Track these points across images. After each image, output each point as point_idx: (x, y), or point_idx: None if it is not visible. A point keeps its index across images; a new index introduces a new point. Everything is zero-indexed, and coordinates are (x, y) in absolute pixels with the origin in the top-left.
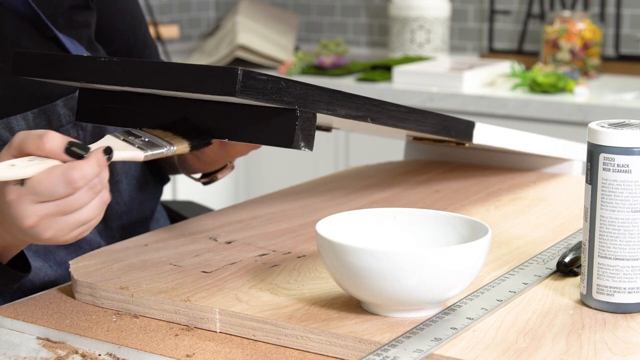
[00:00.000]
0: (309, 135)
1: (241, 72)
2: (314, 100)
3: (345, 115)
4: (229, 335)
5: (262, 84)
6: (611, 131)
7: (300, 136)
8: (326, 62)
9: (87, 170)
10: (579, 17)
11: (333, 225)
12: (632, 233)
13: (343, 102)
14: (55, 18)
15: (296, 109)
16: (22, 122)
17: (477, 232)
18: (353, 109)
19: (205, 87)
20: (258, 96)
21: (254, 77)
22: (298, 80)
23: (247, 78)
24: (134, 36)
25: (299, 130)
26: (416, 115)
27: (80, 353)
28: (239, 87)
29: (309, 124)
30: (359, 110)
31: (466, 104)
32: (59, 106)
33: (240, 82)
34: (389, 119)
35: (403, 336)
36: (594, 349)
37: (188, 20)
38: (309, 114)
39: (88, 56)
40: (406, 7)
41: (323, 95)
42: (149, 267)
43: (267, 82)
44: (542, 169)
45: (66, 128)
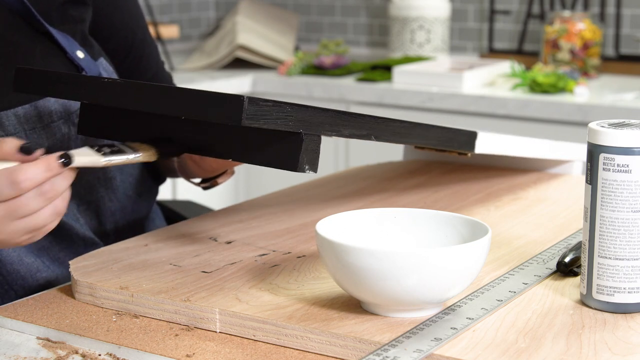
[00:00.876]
0: (313, 157)
1: (247, 100)
2: (319, 122)
3: (349, 135)
4: (229, 335)
5: (268, 110)
6: (611, 131)
7: (305, 159)
8: (326, 62)
9: (32, 172)
10: (579, 17)
11: (333, 225)
12: (632, 233)
13: (347, 123)
14: (49, 13)
15: (301, 132)
16: (12, 118)
17: (477, 232)
18: (357, 128)
19: (210, 115)
20: (264, 122)
21: (260, 104)
22: (303, 105)
23: (253, 105)
24: (132, 35)
25: (303, 154)
26: (419, 130)
27: (80, 353)
28: (244, 115)
29: (313, 146)
30: (362, 129)
31: (466, 104)
32: (50, 102)
33: (246, 110)
34: (393, 135)
35: (403, 336)
36: (594, 349)
37: (188, 20)
38: (314, 137)
39: (91, 76)
40: (406, 7)
41: (327, 117)
42: (149, 267)
43: (273, 108)
44: (542, 169)
45: (57, 124)
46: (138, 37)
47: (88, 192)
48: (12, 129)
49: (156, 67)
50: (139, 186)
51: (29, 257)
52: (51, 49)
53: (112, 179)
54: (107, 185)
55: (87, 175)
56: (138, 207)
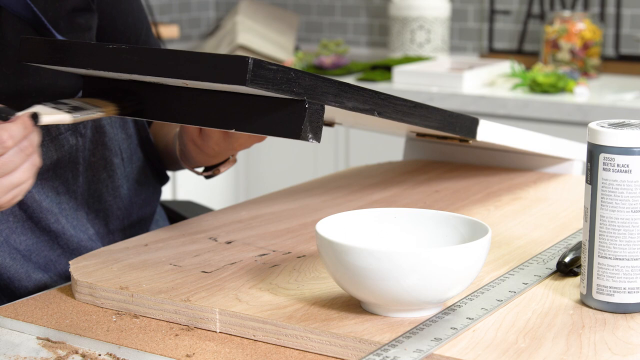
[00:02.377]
0: (316, 127)
1: (252, 61)
2: (323, 92)
3: (352, 107)
4: (229, 335)
5: (272, 74)
6: (611, 131)
7: (309, 127)
8: (326, 62)
9: (14, 130)
10: (579, 17)
11: (333, 225)
12: (632, 233)
13: (351, 95)
14: (57, 21)
15: (305, 100)
16: None
17: (477, 232)
18: (361, 102)
19: (215, 76)
20: (268, 86)
21: (264, 66)
22: (307, 72)
23: (257, 67)
24: (135, 37)
25: (307, 122)
26: (422, 110)
27: (80, 353)
28: (249, 76)
29: (317, 115)
30: (366, 104)
31: (466, 104)
32: None
33: (250, 71)
34: (396, 113)
35: (403, 336)
36: (594, 349)
37: (188, 20)
38: (317, 106)
39: (96, 43)
40: (406, 7)
41: (332, 87)
42: (149, 267)
43: (277, 72)
44: (542, 169)
45: (65, 135)
46: (142, 39)
47: (96, 200)
48: None
49: None
50: (144, 189)
51: (37, 273)
52: None
53: (120, 187)
54: (114, 194)
55: (96, 185)
56: (143, 210)
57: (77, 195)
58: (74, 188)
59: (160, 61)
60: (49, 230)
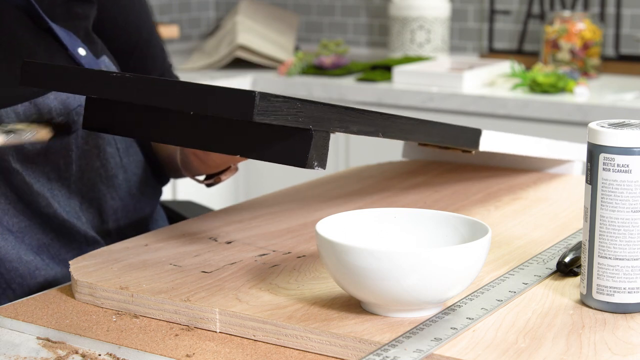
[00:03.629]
0: (322, 154)
1: (258, 96)
2: (328, 118)
3: (357, 131)
4: (229, 335)
5: (278, 106)
6: (611, 131)
7: (314, 155)
8: (326, 62)
9: None
10: (579, 17)
11: (333, 225)
12: (632, 233)
13: (355, 119)
14: (53, 9)
15: (310, 128)
16: (12, 115)
17: (477, 232)
18: (364, 124)
19: (220, 110)
20: (274, 118)
21: (271, 99)
22: (312, 101)
23: (263, 101)
24: (137, 34)
25: (313, 150)
26: (425, 127)
27: (80, 353)
28: (256, 110)
29: (322, 142)
30: (370, 125)
31: (466, 104)
32: (49, 99)
33: (257, 105)
34: (400, 132)
35: (403, 336)
36: (594, 349)
37: (188, 20)
38: (323, 133)
39: (100, 70)
40: (406, 7)
41: (336, 114)
42: (149, 267)
43: (283, 104)
44: (542, 169)
45: (57, 121)
46: (143, 37)
47: (90, 189)
48: None
49: (162, 69)
50: (143, 185)
51: (28, 255)
52: (54, 45)
53: (114, 176)
54: (108, 183)
55: (89, 173)
56: (141, 206)
57: (69, 183)
58: (66, 175)
59: (164, 92)
60: (41, 213)
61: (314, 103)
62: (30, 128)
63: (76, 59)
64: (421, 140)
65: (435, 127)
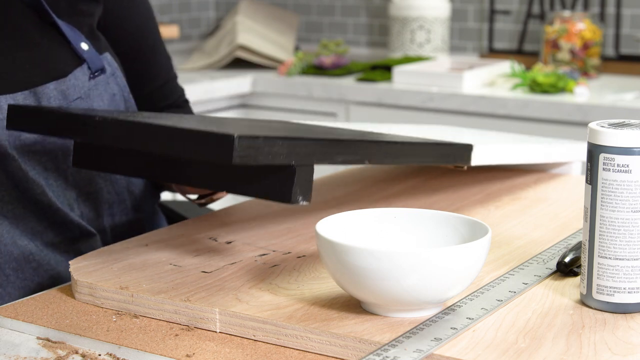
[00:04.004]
0: (307, 188)
1: (237, 139)
2: (311, 153)
3: (342, 161)
4: (229, 335)
5: (259, 146)
6: (611, 131)
7: (299, 191)
8: (326, 62)
9: None
10: (579, 17)
11: (333, 225)
12: (632, 233)
13: (340, 150)
14: (58, 4)
15: (293, 165)
16: (11, 102)
17: (477, 232)
18: (350, 154)
19: (200, 154)
20: (255, 159)
21: (251, 141)
22: (294, 137)
23: (243, 143)
24: (142, 41)
25: (297, 186)
26: (413, 149)
27: (80, 353)
28: (235, 154)
29: (306, 177)
30: (355, 155)
31: (466, 104)
32: (49, 89)
33: (236, 149)
34: (386, 157)
35: (403, 336)
36: (594, 349)
37: (188, 20)
38: (306, 168)
39: (83, 114)
40: (406, 7)
41: (320, 147)
42: (149, 267)
43: (264, 143)
44: (542, 169)
45: None
46: (148, 43)
47: (87, 183)
48: None
49: (167, 77)
50: (142, 184)
51: (23, 239)
52: (57, 38)
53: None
54: (106, 177)
55: None
56: (138, 204)
57: (67, 174)
58: (64, 167)
59: (145, 136)
60: (35, 200)
61: (295, 139)
62: None
63: (78, 53)
64: (411, 162)
65: (424, 148)
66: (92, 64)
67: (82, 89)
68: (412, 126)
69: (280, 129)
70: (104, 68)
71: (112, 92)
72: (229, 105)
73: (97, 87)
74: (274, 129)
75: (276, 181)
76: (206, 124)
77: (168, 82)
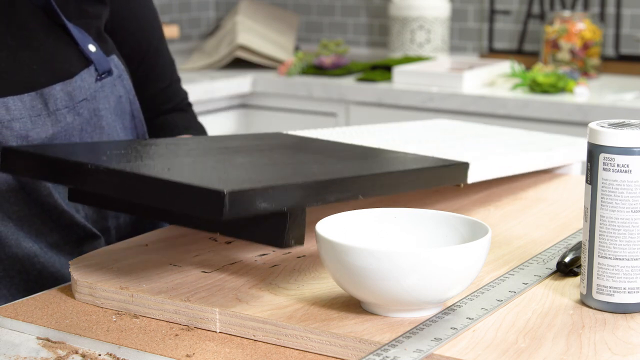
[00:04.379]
0: (299, 231)
1: (227, 195)
2: (303, 196)
3: (335, 200)
4: (229, 335)
5: (250, 197)
6: (611, 131)
7: (291, 235)
8: (326, 62)
9: None
10: (579, 17)
11: (333, 225)
12: (632, 233)
13: (332, 189)
14: (67, 6)
15: (285, 211)
16: (18, 103)
17: (477, 232)
18: (342, 191)
19: (191, 209)
20: (246, 211)
21: (241, 195)
22: (285, 185)
23: (234, 199)
24: (147, 42)
25: (289, 231)
26: (408, 177)
27: (80, 353)
28: (226, 210)
29: (299, 221)
30: (348, 191)
31: (466, 104)
32: (56, 90)
33: (226, 205)
34: (380, 189)
35: (403, 336)
36: (594, 349)
37: (188, 20)
38: (299, 211)
39: (76, 162)
40: (406, 7)
41: (311, 190)
42: (149, 267)
43: (256, 194)
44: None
45: (62, 112)
46: (153, 45)
47: None
48: (17, 114)
49: (170, 80)
50: None
51: (27, 241)
52: (64, 39)
53: None
54: None
55: None
56: None
57: None
58: None
59: (137, 187)
60: (42, 202)
61: (286, 187)
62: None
63: (86, 54)
64: (406, 190)
65: (417, 174)
66: (99, 65)
67: (89, 91)
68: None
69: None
70: (110, 70)
71: (118, 95)
72: (229, 105)
73: (104, 88)
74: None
75: (268, 226)
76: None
77: (171, 85)
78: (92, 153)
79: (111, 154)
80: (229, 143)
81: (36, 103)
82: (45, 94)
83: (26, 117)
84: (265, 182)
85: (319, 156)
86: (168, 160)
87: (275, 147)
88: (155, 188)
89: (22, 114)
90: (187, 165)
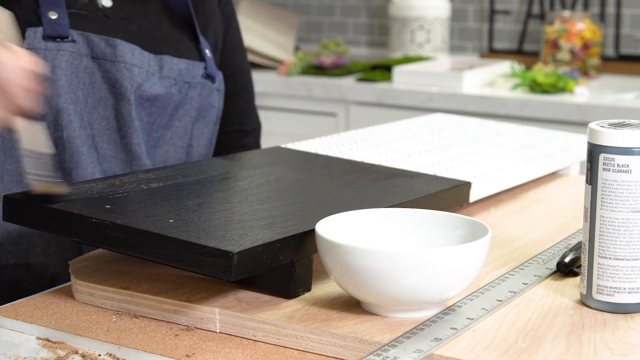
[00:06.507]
0: (307, 279)
1: (236, 257)
2: (309, 244)
3: None
4: (229, 335)
5: (258, 254)
6: (611, 131)
7: (298, 284)
8: (326, 62)
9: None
10: (579, 17)
11: (333, 225)
12: (632, 233)
13: None
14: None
15: (292, 262)
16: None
17: (477, 232)
18: None
19: (199, 268)
20: (255, 269)
21: (249, 254)
22: (292, 236)
23: (242, 260)
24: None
25: (297, 281)
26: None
27: (80, 353)
28: (234, 270)
29: (306, 269)
30: None
31: (466, 104)
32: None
33: (235, 265)
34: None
35: (403, 336)
36: (594, 349)
37: None
38: (305, 260)
39: (80, 215)
40: (406, 7)
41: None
42: (149, 267)
43: (262, 252)
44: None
45: (169, 81)
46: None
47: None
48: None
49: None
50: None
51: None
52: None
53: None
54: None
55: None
56: None
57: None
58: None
59: (145, 243)
60: None
61: (293, 238)
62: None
63: (203, 57)
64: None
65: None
66: (209, 68)
67: (195, 79)
68: (412, 124)
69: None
70: (214, 78)
71: (211, 104)
72: None
73: (204, 88)
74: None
75: (276, 278)
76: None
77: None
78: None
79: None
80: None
81: (153, 64)
82: (163, 60)
83: (145, 68)
84: (271, 236)
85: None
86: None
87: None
88: (160, 245)
89: (142, 64)
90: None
